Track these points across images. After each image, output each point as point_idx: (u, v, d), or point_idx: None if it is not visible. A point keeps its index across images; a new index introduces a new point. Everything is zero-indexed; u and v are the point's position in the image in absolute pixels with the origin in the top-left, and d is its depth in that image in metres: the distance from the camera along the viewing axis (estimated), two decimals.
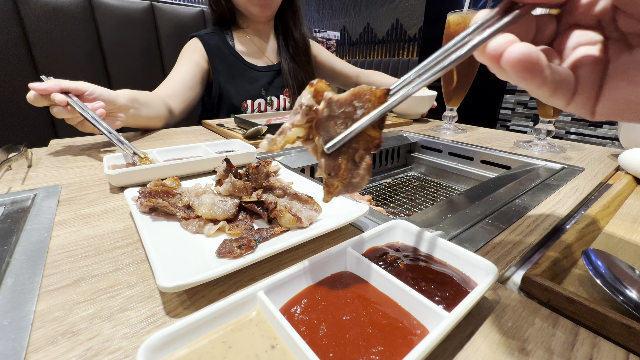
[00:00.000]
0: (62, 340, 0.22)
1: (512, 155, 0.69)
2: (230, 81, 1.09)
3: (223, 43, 1.08)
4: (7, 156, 0.57)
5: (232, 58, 1.09)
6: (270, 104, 1.16)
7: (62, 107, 0.61)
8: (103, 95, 0.67)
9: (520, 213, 0.42)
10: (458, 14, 0.77)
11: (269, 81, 1.16)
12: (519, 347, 0.22)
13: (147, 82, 1.23)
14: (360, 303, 0.24)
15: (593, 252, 0.29)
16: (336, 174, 0.25)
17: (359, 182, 0.25)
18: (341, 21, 3.42)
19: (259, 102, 1.14)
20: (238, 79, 1.10)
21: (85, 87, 0.65)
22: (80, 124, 0.65)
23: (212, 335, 0.21)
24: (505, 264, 0.31)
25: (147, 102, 0.81)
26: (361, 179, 0.25)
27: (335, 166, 0.24)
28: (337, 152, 0.24)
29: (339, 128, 0.24)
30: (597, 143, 1.85)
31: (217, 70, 1.07)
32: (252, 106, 1.13)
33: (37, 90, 0.60)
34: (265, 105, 1.15)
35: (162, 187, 0.39)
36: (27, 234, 0.35)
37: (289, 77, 1.16)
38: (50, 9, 1.02)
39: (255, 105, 1.14)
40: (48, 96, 0.60)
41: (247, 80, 1.12)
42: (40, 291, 0.27)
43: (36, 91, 0.60)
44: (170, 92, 0.95)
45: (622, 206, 0.46)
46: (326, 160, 0.25)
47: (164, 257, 0.28)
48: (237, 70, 1.10)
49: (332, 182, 0.25)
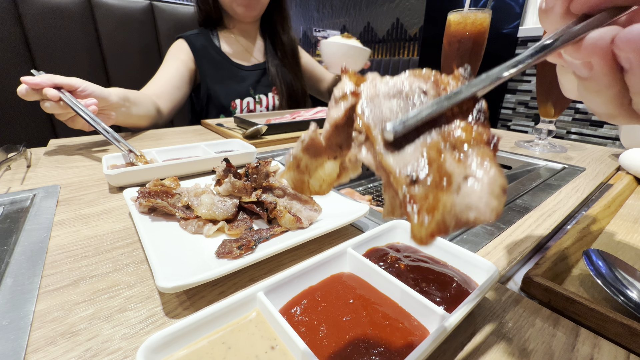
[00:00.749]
0: (62, 340, 0.22)
1: (513, 155, 0.69)
2: (218, 81, 1.09)
3: (209, 44, 1.09)
4: (7, 156, 0.57)
5: (218, 58, 1.09)
6: (259, 102, 1.17)
7: (55, 102, 0.60)
8: (96, 92, 0.66)
9: (521, 213, 0.42)
10: (459, 13, 0.77)
11: (256, 80, 1.16)
12: (519, 347, 0.22)
13: (146, 81, 1.23)
14: (361, 304, 0.24)
15: (594, 252, 0.29)
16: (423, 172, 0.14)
17: (483, 193, 0.13)
18: (341, 20, 3.41)
19: (248, 100, 1.14)
20: (225, 79, 1.11)
21: (78, 83, 0.64)
22: (71, 120, 0.64)
23: (212, 336, 0.21)
24: (506, 264, 0.31)
25: (137, 101, 0.81)
26: (487, 185, 0.13)
27: (417, 157, 0.14)
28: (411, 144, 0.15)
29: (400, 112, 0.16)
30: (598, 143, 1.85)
31: (204, 71, 1.07)
32: (241, 105, 1.13)
33: (29, 84, 0.59)
34: (254, 104, 1.16)
35: (161, 187, 0.39)
36: (27, 234, 0.35)
37: (276, 77, 1.16)
38: (49, 9, 1.02)
39: (245, 105, 1.14)
40: (40, 91, 0.60)
41: (234, 80, 1.12)
42: (40, 291, 0.27)
43: (28, 85, 0.59)
44: (158, 91, 0.95)
45: (623, 206, 0.46)
46: (395, 154, 0.15)
47: (163, 258, 0.28)
48: (224, 71, 1.11)
49: (421, 191, 0.13)
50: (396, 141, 0.15)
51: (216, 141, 0.65)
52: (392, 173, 0.14)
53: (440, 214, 0.13)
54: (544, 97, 0.69)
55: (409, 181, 0.14)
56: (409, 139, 0.15)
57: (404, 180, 0.14)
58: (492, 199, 0.13)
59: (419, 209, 0.13)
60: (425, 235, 0.13)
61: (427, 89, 0.16)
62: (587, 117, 1.86)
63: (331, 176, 0.21)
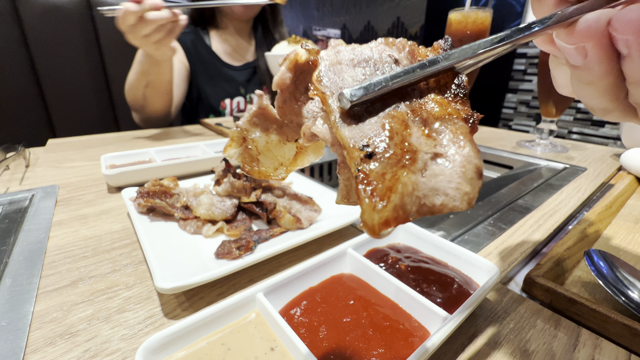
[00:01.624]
0: (61, 341, 0.22)
1: (515, 155, 0.69)
2: (208, 81, 1.09)
3: (199, 43, 1.08)
4: (5, 156, 0.57)
5: (208, 57, 1.09)
6: (250, 101, 1.17)
7: None
8: None
9: (523, 214, 0.41)
10: (460, 12, 0.76)
11: (247, 79, 1.16)
12: (521, 348, 0.22)
13: None
14: (361, 305, 0.24)
15: (595, 252, 0.28)
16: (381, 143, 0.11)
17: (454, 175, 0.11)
18: (341, 19, 3.40)
19: (238, 100, 1.14)
20: (215, 78, 1.10)
21: None
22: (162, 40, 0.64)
23: (211, 337, 0.21)
24: (507, 265, 0.31)
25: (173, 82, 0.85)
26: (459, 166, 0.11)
27: (376, 127, 0.12)
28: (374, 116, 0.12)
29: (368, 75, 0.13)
30: (599, 142, 1.85)
31: (194, 70, 1.07)
32: (231, 105, 1.13)
33: None
34: (245, 104, 1.15)
35: (160, 187, 0.39)
36: (25, 234, 0.35)
37: (266, 74, 1.16)
38: (48, 8, 1.01)
39: (235, 104, 1.13)
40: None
41: (224, 79, 1.12)
42: (39, 292, 0.27)
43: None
44: None
45: (624, 206, 0.46)
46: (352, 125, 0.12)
47: (162, 258, 0.28)
48: (214, 70, 1.10)
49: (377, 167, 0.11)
50: (355, 111, 0.12)
51: (215, 140, 0.65)
52: (347, 147, 0.11)
53: (398, 197, 0.10)
54: (545, 96, 0.69)
55: (364, 155, 0.11)
56: (371, 111, 0.12)
57: (358, 155, 0.11)
58: (464, 182, 0.10)
59: (372, 190, 0.10)
60: (378, 222, 0.10)
61: (400, 58, 0.14)
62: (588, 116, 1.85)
63: (287, 156, 0.18)
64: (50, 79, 1.04)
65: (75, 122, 1.10)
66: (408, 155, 0.11)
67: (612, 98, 0.16)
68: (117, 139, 0.77)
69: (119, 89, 1.18)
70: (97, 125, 1.14)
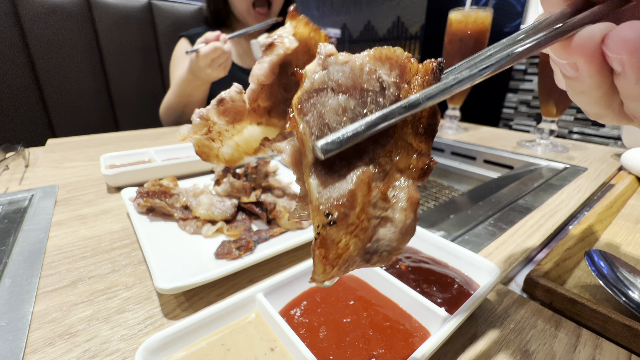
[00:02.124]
0: (60, 341, 0.22)
1: (515, 155, 0.69)
2: (219, 82, 1.09)
3: None
4: (5, 156, 0.57)
5: None
6: None
7: None
8: None
9: (523, 214, 0.41)
10: (460, 11, 0.76)
11: None
12: (521, 349, 0.22)
13: (145, 80, 1.22)
14: (361, 305, 0.24)
15: (596, 253, 0.28)
16: (344, 215, 0.12)
17: (393, 239, 0.13)
18: (341, 18, 3.40)
19: None
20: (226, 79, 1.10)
21: None
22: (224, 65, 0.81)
23: (211, 338, 0.21)
24: (508, 265, 0.31)
25: None
26: (399, 232, 0.13)
27: (342, 195, 0.12)
28: (345, 164, 0.13)
29: (347, 117, 0.13)
30: (600, 142, 1.85)
31: None
32: None
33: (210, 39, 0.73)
34: None
35: (160, 187, 0.39)
36: (25, 234, 0.35)
37: None
38: (48, 8, 1.01)
39: None
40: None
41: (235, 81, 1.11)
42: (38, 292, 0.26)
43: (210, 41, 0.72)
44: None
45: (625, 207, 0.45)
46: (321, 177, 0.13)
47: (162, 259, 0.28)
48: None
49: (336, 235, 0.12)
50: (328, 160, 0.13)
51: None
52: (313, 202, 0.12)
53: (344, 260, 0.13)
54: (545, 96, 0.69)
55: (326, 222, 0.12)
56: (342, 159, 0.13)
57: (321, 219, 0.12)
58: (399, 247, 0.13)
59: (324, 255, 0.12)
60: (324, 280, 0.13)
61: (388, 84, 0.13)
62: None
63: (249, 145, 0.18)
64: (50, 79, 1.04)
65: (75, 122, 1.10)
66: (364, 224, 0.13)
67: (605, 106, 0.16)
68: (117, 139, 0.77)
69: (119, 89, 1.17)
70: (97, 125, 1.14)
